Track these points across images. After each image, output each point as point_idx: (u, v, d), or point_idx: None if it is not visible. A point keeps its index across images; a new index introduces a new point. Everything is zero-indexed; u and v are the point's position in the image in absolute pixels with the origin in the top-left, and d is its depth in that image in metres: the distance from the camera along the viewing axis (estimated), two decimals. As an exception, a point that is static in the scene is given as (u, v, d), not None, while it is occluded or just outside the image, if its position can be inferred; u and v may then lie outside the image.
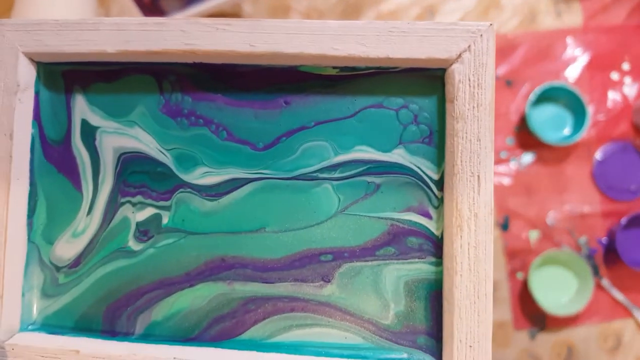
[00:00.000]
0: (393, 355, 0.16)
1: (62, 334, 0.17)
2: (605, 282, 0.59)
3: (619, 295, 0.59)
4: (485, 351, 0.15)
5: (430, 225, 0.16)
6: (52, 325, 0.17)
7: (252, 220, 0.17)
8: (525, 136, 0.64)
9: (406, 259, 0.17)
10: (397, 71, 0.17)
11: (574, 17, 0.67)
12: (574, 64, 0.65)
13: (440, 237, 0.16)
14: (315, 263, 0.17)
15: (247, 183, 0.17)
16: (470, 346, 0.15)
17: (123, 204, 0.17)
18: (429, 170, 0.17)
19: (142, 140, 0.17)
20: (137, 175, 0.17)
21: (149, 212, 0.17)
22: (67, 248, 0.18)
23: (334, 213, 0.17)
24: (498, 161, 0.64)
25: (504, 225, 0.62)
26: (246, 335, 0.17)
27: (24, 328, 0.17)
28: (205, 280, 0.17)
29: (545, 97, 0.63)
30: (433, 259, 0.16)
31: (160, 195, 0.17)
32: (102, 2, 0.65)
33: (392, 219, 0.17)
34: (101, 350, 0.16)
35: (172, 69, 0.17)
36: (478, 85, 0.15)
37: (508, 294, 0.59)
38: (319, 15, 0.69)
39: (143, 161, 0.17)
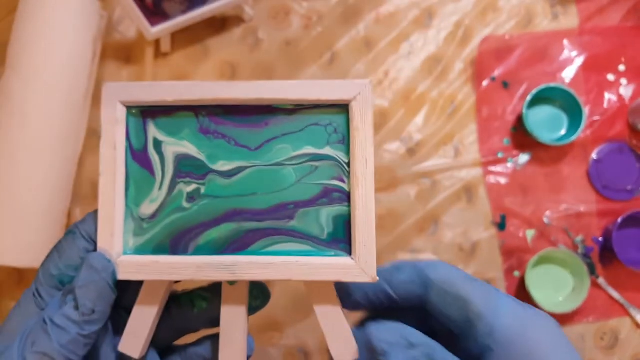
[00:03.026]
0: (327, 254, 0.30)
1: (147, 255, 0.31)
2: (602, 281, 0.60)
3: (615, 294, 0.60)
4: (371, 248, 0.29)
5: (345, 186, 0.31)
6: (140, 251, 0.31)
7: (250, 188, 0.31)
8: (521, 137, 0.64)
9: (333, 205, 0.31)
10: (325, 105, 0.31)
11: (570, 19, 0.66)
12: (571, 66, 0.64)
13: (349, 192, 0.31)
14: (284, 210, 0.31)
15: (247, 168, 0.31)
16: (365, 245, 0.29)
17: (179, 182, 0.31)
18: (344, 157, 0.31)
19: (188, 148, 0.31)
20: (186, 167, 0.31)
21: (193, 186, 0.31)
22: (147, 208, 0.31)
23: (294, 182, 0.31)
24: (495, 161, 0.64)
25: (501, 225, 0.62)
26: (250, 248, 0.31)
27: (125, 252, 0.31)
28: (226, 222, 0.31)
29: (542, 98, 0.62)
30: (346, 204, 0.31)
31: (199, 177, 0.31)
32: (105, 6, 0.66)
33: (325, 184, 0.31)
34: (170, 260, 0.30)
35: (204, 108, 0.31)
36: (365, 112, 0.30)
37: (505, 292, 0.63)
38: (319, 17, 0.69)
39: (189, 159, 0.31)
